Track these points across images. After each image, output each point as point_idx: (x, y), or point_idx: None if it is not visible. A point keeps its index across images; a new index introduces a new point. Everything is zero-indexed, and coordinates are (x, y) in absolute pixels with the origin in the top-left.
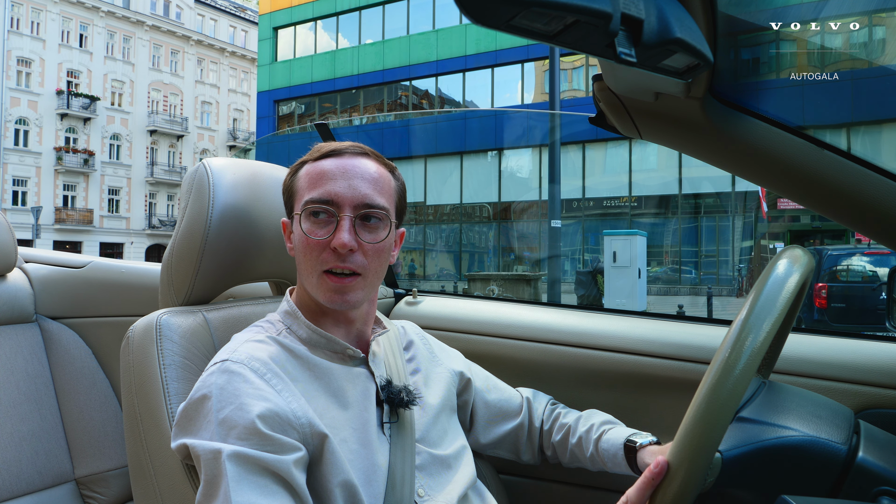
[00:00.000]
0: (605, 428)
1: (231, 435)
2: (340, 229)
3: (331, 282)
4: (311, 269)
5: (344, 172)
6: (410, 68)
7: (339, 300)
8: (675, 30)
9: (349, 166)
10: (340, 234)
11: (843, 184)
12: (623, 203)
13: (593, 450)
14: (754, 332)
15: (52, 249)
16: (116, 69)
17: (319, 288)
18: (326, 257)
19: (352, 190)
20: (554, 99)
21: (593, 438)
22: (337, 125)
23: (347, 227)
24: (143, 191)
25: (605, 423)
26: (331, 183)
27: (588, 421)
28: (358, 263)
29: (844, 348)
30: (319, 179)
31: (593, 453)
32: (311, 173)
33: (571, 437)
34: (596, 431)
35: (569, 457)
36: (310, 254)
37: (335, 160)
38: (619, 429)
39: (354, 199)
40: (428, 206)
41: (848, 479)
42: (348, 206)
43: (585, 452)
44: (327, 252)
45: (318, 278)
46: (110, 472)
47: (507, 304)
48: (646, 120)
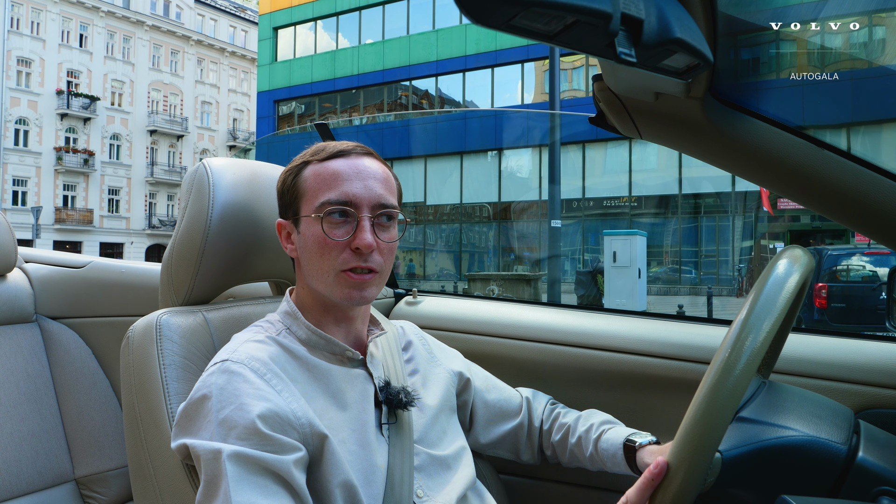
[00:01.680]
0: (605, 428)
1: (231, 435)
2: (362, 230)
3: (351, 279)
4: (327, 268)
5: (358, 173)
6: (410, 68)
7: (358, 296)
8: (675, 30)
9: (361, 167)
10: (364, 235)
11: (843, 184)
12: (623, 203)
13: (592, 449)
14: (754, 332)
15: (52, 249)
16: (116, 69)
17: (337, 286)
18: (347, 258)
19: (368, 190)
20: (554, 99)
21: (593, 438)
22: (337, 125)
23: (368, 227)
24: (143, 191)
25: (604, 422)
26: (347, 184)
27: (588, 421)
28: (376, 262)
29: (844, 348)
30: (334, 180)
31: (592, 453)
32: (322, 174)
33: (571, 436)
34: (595, 431)
35: (568, 456)
36: (328, 254)
37: (344, 160)
38: (618, 428)
39: (371, 199)
40: (428, 206)
41: (848, 479)
42: (366, 206)
43: (585, 452)
44: (347, 252)
45: (335, 276)
46: (110, 472)
47: (507, 304)
48: (646, 120)
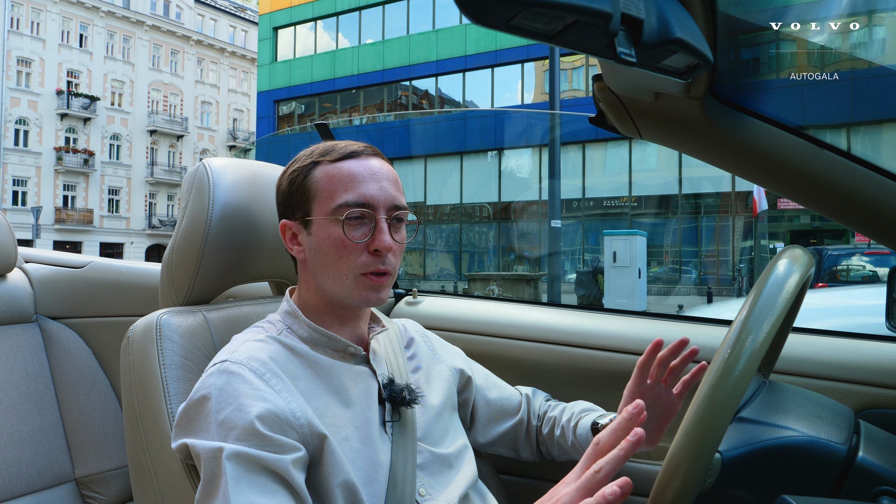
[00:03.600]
0: (582, 416)
1: (231, 436)
2: (381, 231)
3: (371, 282)
4: (346, 270)
5: (372, 174)
6: (410, 68)
7: (375, 298)
8: (675, 30)
9: (374, 168)
10: (383, 237)
11: (843, 184)
12: (623, 203)
13: (573, 438)
14: (754, 332)
15: (52, 249)
16: (116, 69)
17: (356, 288)
18: (366, 260)
19: (383, 192)
20: (554, 99)
21: (571, 426)
22: (337, 125)
23: (386, 229)
24: (143, 191)
25: (582, 410)
26: (363, 185)
27: (569, 411)
28: (391, 264)
29: (844, 348)
30: (350, 182)
31: (573, 441)
32: (336, 175)
33: (556, 428)
34: (574, 419)
35: (557, 449)
36: (347, 256)
37: (357, 161)
38: (592, 414)
39: (387, 201)
40: (428, 206)
41: (848, 479)
42: (383, 208)
43: (567, 442)
44: (365, 255)
45: (354, 279)
46: (110, 472)
47: (507, 304)
48: (646, 120)
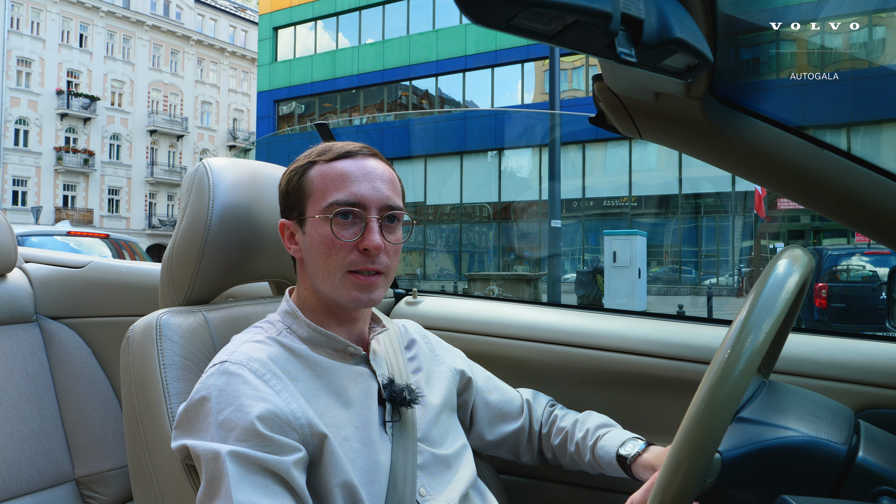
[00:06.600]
0: (600, 433)
1: (231, 436)
2: (370, 231)
3: (358, 281)
4: (334, 269)
5: (366, 174)
6: (410, 68)
7: (366, 299)
8: (675, 30)
9: (369, 168)
10: (372, 236)
11: (843, 184)
12: (623, 203)
13: (590, 457)
14: (754, 332)
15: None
16: (116, 69)
17: (343, 287)
18: (355, 259)
19: (376, 192)
20: (554, 99)
21: (589, 445)
22: (337, 125)
23: (376, 228)
24: (143, 191)
25: (599, 426)
26: (355, 185)
27: (584, 426)
28: (383, 264)
29: (844, 348)
30: (342, 181)
31: (591, 460)
32: (330, 174)
33: (569, 443)
34: (591, 437)
35: (569, 461)
36: (335, 255)
37: (352, 161)
38: (612, 434)
39: (379, 200)
40: (428, 206)
41: (848, 480)
42: (374, 207)
43: (584, 458)
44: (355, 253)
45: (342, 278)
46: (110, 472)
47: (507, 304)
48: (646, 120)
